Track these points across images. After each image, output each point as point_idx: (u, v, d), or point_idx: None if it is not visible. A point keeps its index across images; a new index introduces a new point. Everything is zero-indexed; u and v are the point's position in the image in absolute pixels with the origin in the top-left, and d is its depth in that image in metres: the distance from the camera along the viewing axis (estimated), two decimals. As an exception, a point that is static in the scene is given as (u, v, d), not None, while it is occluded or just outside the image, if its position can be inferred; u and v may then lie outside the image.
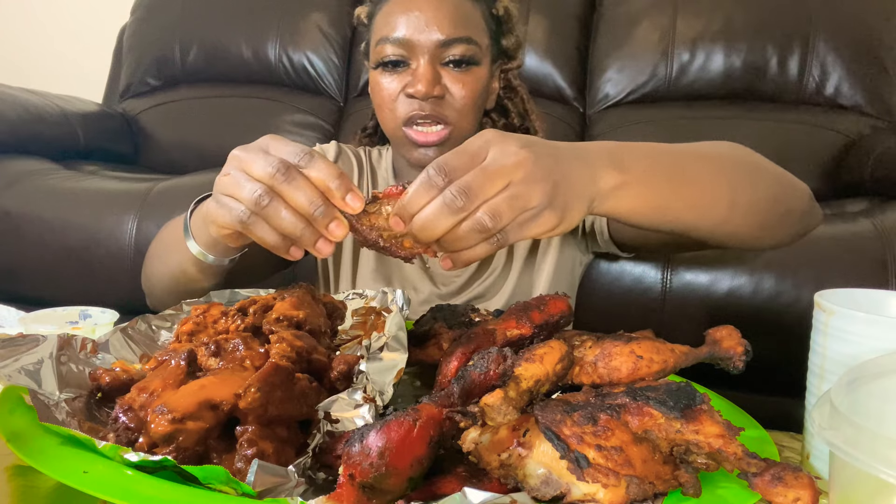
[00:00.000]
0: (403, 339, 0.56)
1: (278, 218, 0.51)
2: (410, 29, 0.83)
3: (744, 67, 1.74)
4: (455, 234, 0.48)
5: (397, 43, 0.83)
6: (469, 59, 0.84)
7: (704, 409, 0.43)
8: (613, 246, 0.89)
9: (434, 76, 0.82)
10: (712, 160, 0.64)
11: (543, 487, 0.40)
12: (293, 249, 0.54)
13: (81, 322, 0.77)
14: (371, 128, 1.10)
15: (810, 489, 0.38)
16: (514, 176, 0.47)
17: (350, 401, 0.49)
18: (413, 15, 0.83)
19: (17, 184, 1.57)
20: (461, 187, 0.46)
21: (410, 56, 0.84)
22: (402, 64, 0.84)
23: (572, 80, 1.89)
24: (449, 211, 0.47)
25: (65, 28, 2.59)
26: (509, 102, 1.00)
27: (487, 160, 0.48)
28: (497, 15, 0.90)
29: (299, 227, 0.51)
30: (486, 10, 0.88)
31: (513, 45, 0.93)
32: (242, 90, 2.06)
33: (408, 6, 0.84)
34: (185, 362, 0.49)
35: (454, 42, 0.83)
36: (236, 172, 0.54)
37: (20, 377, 0.50)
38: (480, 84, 0.86)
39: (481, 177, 0.47)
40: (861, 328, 0.51)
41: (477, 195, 0.47)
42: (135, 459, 0.40)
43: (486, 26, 0.87)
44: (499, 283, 0.91)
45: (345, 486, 0.38)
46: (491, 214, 0.47)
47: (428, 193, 0.47)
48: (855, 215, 1.25)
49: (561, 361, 0.47)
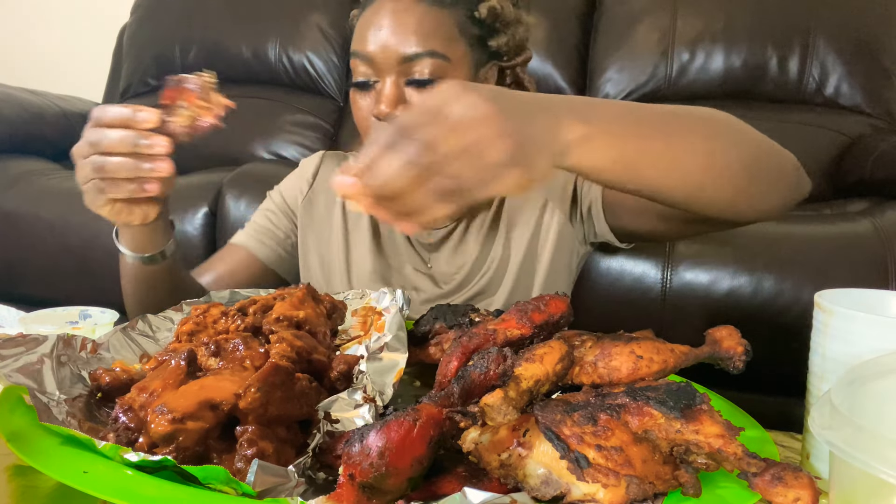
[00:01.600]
0: (403, 339, 0.57)
1: (110, 169, 0.62)
2: (373, 44, 0.81)
3: (744, 67, 1.74)
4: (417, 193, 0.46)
5: (363, 59, 0.82)
6: (434, 77, 0.80)
7: (704, 409, 0.43)
8: (610, 233, 0.88)
9: (396, 97, 0.80)
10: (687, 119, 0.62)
11: (543, 487, 0.40)
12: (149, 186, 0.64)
13: (81, 322, 0.77)
14: None
15: (810, 489, 0.38)
16: (479, 131, 0.45)
17: (350, 401, 0.49)
18: (376, 29, 0.81)
19: (17, 184, 1.57)
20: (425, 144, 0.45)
21: (378, 74, 0.82)
22: (370, 83, 0.83)
23: (572, 80, 1.89)
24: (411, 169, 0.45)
25: (65, 28, 2.59)
26: None
27: (452, 116, 0.46)
28: (480, 18, 0.85)
29: (127, 165, 0.62)
30: (463, 15, 0.84)
31: (505, 44, 0.89)
32: (242, 90, 2.05)
33: (373, 20, 0.81)
34: (185, 362, 0.49)
35: (417, 57, 0.80)
36: (77, 161, 0.66)
37: (20, 377, 0.50)
38: None
39: (445, 132, 0.45)
40: (861, 328, 0.51)
41: (440, 152, 0.45)
42: (135, 459, 0.40)
43: (460, 34, 0.83)
44: (497, 277, 0.90)
45: (345, 486, 0.38)
46: (454, 172, 0.45)
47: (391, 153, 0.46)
48: (855, 215, 1.25)
49: (561, 361, 0.47)
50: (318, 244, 0.98)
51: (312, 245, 0.98)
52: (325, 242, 0.97)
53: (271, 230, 1.00)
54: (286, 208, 1.01)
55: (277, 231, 1.00)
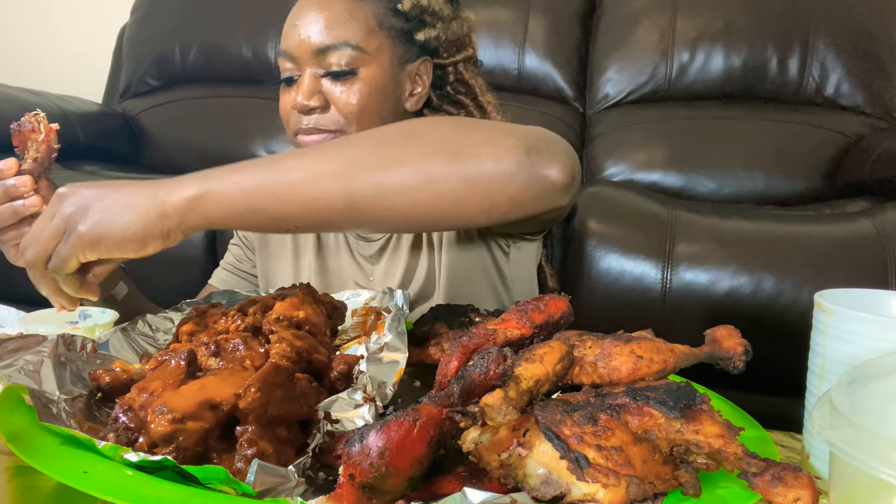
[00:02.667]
0: (403, 339, 0.56)
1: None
2: (290, 40, 0.83)
3: (744, 67, 1.74)
4: None
5: (285, 55, 0.85)
6: (348, 70, 0.81)
7: (704, 409, 0.43)
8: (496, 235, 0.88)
9: (311, 88, 0.82)
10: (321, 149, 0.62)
11: (543, 487, 0.40)
12: None
13: (81, 322, 0.77)
14: None
15: (810, 489, 0.38)
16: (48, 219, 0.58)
17: (350, 401, 0.49)
18: (295, 25, 0.83)
19: (17, 184, 1.57)
20: None
21: (299, 69, 0.84)
22: (293, 79, 0.85)
23: (572, 80, 1.90)
24: None
25: (65, 28, 2.59)
26: (462, 97, 0.95)
27: None
28: (403, 11, 0.84)
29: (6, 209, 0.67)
30: (384, 7, 0.83)
31: (435, 38, 0.87)
32: (242, 90, 2.06)
33: (293, 15, 0.84)
34: (185, 362, 0.49)
35: (328, 49, 0.81)
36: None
37: (20, 377, 0.50)
38: (371, 88, 0.82)
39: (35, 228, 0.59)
40: (861, 328, 0.51)
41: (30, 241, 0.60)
42: (135, 459, 0.40)
43: (378, 26, 0.83)
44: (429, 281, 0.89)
45: (345, 486, 0.38)
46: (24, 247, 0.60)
47: None
48: (855, 215, 1.25)
49: (561, 361, 0.47)
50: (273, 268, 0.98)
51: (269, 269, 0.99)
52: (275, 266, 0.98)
53: (237, 265, 1.02)
54: (245, 240, 1.02)
55: (242, 264, 1.02)
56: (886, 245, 1.11)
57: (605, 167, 1.75)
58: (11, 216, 0.68)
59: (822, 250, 1.14)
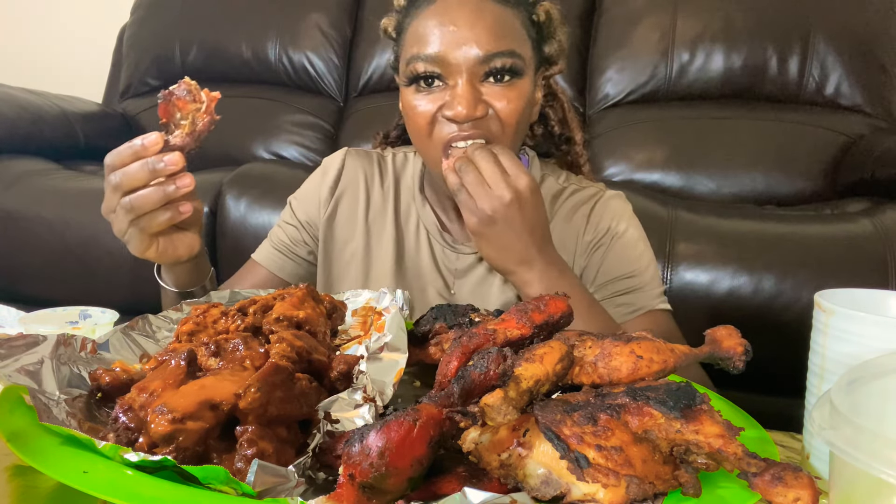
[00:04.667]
0: (403, 339, 0.56)
1: (138, 205, 0.64)
2: (446, 45, 0.76)
3: (744, 67, 1.74)
4: None
5: (432, 61, 0.77)
6: (513, 70, 0.77)
7: (704, 409, 0.43)
8: None
9: (475, 96, 0.76)
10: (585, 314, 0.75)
11: (543, 487, 0.40)
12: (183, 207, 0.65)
13: (81, 322, 0.77)
14: (394, 137, 1.06)
15: (810, 489, 0.38)
16: None
17: (350, 401, 0.49)
18: (449, 30, 0.76)
19: (17, 184, 1.57)
20: None
21: (446, 73, 0.77)
22: (437, 80, 0.78)
23: (572, 80, 1.90)
24: None
25: (65, 28, 2.59)
26: (550, 110, 0.96)
27: None
28: (538, 21, 0.82)
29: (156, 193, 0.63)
30: (527, 17, 0.81)
31: (555, 50, 0.86)
32: (242, 90, 2.06)
33: (442, 20, 0.77)
34: (185, 362, 0.49)
35: (495, 57, 0.76)
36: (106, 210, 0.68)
37: (20, 377, 0.50)
38: (525, 98, 0.80)
39: None
40: (861, 328, 0.51)
41: None
42: (135, 459, 0.40)
43: (527, 35, 0.81)
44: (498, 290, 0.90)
45: (345, 486, 0.38)
46: None
47: None
48: (855, 215, 1.25)
49: (561, 361, 0.47)
50: (337, 260, 0.94)
51: (334, 260, 0.94)
52: (345, 260, 0.93)
53: (291, 247, 0.95)
54: (307, 222, 0.95)
55: (297, 247, 0.95)
56: (886, 245, 1.11)
57: (605, 167, 1.75)
58: (161, 198, 0.63)
59: (822, 250, 1.14)
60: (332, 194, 0.94)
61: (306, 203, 0.96)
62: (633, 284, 0.86)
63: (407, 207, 0.94)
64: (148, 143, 0.62)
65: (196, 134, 0.63)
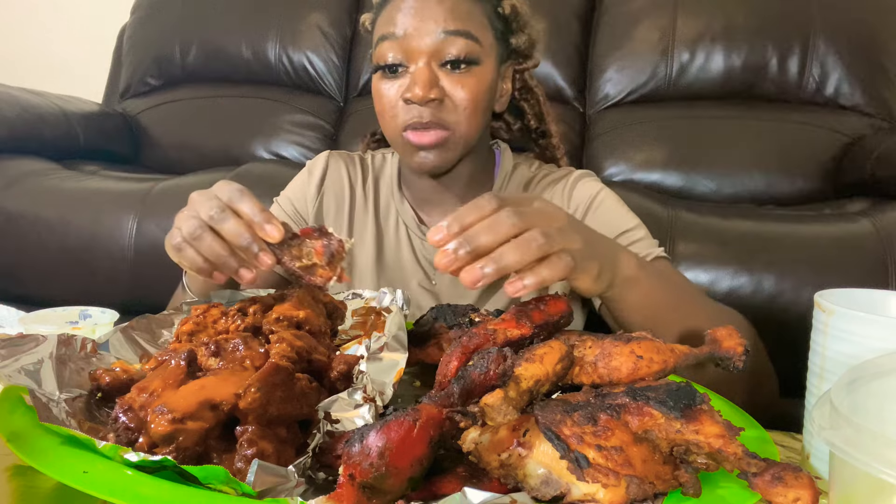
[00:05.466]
0: (403, 339, 0.56)
1: (205, 246, 0.60)
2: (407, 24, 0.80)
3: (744, 67, 1.74)
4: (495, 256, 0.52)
5: (394, 39, 0.81)
6: (468, 59, 0.81)
7: (704, 409, 0.43)
8: None
9: (431, 78, 0.80)
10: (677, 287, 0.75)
11: (543, 487, 0.40)
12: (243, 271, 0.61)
13: (81, 322, 0.77)
14: (380, 133, 1.08)
15: (810, 489, 0.38)
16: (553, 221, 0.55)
17: (350, 401, 0.49)
18: (410, 9, 0.81)
19: (17, 184, 1.57)
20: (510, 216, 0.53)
21: (408, 59, 0.81)
22: (399, 68, 0.82)
23: (572, 80, 1.89)
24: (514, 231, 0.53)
25: (65, 28, 2.59)
26: (525, 104, 0.98)
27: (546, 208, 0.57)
28: (504, 14, 0.87)
29: (223, 255, 0.60)
30: (491, 8, 0.85)
31: (524, 43, 0.90)
32: (242, 90, 2.06)
33: (405, 4, 0.82)
34: (185, 362, 0.49)
35: (452, 35, 0.80)
36: (188, 211, 0.62)
37: (20, 377, 0.50)
38: (483, 85, 0.83)
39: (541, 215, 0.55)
40: (861, 328, 0.51)
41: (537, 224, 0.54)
42: (135, 459, 0.40)
43: (489, 24, 0.85)
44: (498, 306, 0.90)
45: (345, 486, 0.38)
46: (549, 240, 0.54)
47: None
48: (855, 215, 1.25)
49: (561, 361, 0.47)
50: None
51: None
52: None
53: None
54: (297, 216, 0.98)
55: None
56: (886, 245, 1.11)
57: (605, 167, 1.75)
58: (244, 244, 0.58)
59: (822, 250, 1.14)
60: (319, 192, 0.97)
61: (295, 199, 0.99)
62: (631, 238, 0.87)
63: (386, 204, 0.97)
64: (266, 231, 0.58)
65: (296, 276, 0.60)
